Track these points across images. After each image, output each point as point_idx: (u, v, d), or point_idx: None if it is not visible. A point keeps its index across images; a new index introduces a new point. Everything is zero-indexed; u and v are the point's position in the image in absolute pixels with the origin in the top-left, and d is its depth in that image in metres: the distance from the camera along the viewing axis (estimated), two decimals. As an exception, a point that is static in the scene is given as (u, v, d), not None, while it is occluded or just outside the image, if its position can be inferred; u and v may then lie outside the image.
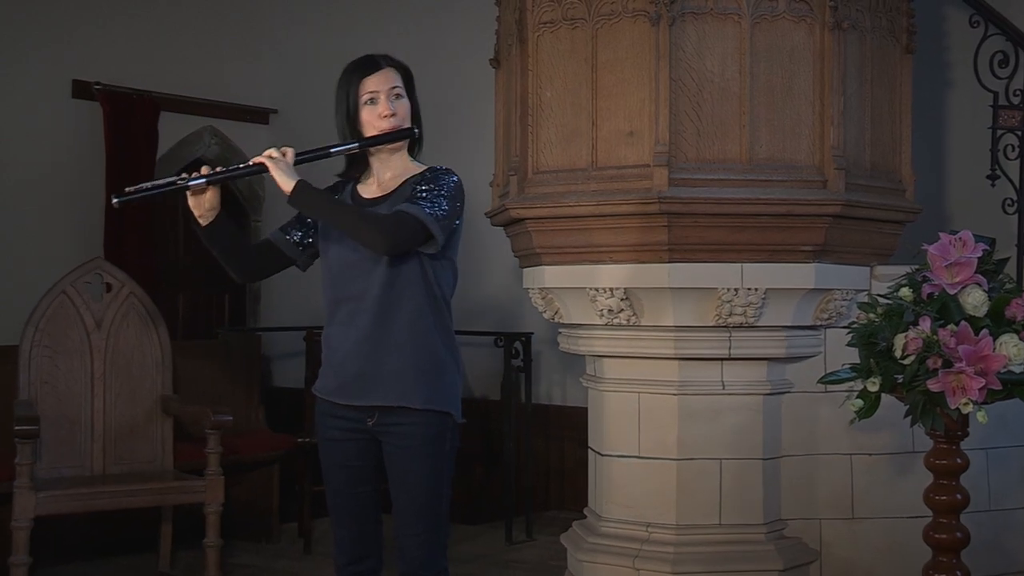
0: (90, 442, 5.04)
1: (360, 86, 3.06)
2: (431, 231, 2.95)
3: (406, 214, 2.94)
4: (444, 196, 2.99)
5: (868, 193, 4.08)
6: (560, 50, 4.10)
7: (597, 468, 4.41)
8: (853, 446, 4.22)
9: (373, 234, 2.93)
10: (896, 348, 3.20)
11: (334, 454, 3.13)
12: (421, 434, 3.01)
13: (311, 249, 3.20)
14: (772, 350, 4.13)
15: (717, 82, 3.93)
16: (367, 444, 3.09)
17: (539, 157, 4.15)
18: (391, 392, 3.01)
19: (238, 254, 3.17)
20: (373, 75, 3.06)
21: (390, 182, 3.10)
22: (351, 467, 3.11)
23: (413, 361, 3.00)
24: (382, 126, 3.06)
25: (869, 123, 4.13)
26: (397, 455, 3.04)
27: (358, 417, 3.07)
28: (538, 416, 6.12)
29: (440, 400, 3.04)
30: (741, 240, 3.94)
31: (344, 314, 3.06)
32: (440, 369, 3.05)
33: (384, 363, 3.01)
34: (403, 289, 3.00)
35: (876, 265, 4.22)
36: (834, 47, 3.95)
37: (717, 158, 3.93)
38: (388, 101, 3.06)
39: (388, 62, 3.10)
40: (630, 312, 4.09)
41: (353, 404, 3.05)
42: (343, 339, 3.06)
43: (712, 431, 4.15)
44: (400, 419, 3.02)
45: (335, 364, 3.09)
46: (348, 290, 3.04)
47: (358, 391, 3.04)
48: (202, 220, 3.09)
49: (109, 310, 5.15)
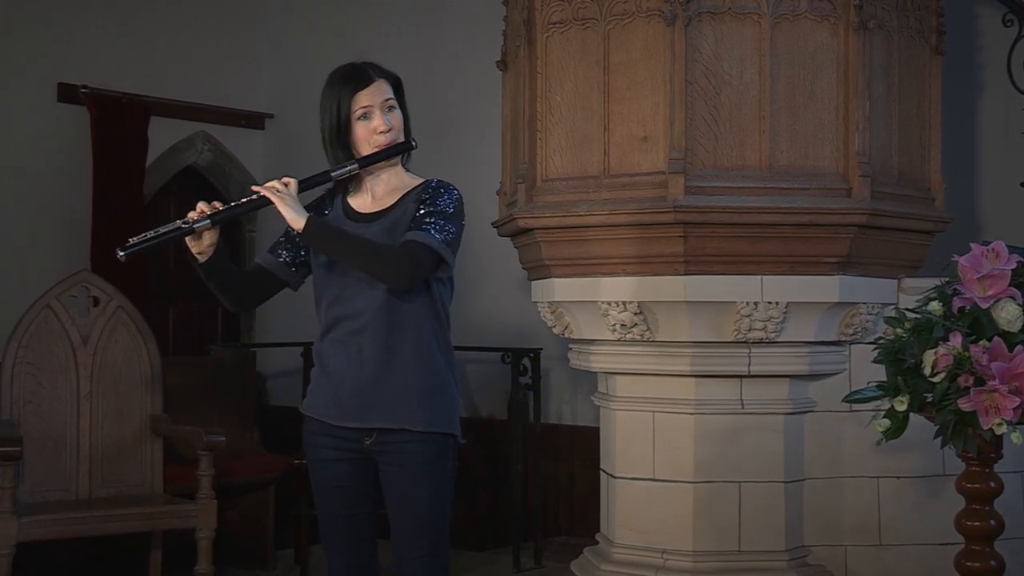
0: (75, 464, 5.03)
1: (352, 101, 3.05)
2: (444, 258, 2.98)
3: (418, 244, 2.95)
4: (449, 216, 3.01)
5: (895, 202, 4.07)
6: (570, 51, 4.11)
7: (609, 491, 4.40)
8: (880, 469, 4.21)
9: (388, 270, 2.95)
10: (925, 365, 3.19)
11: (327, 475, 3.13)
12: (422, 454, 3.02)
13: (303, 269, 3.20)
14: (794, 367, 4.12)
15: (736, 85, 3.93)
16: (361, 464, 3.09)
17: (548, 164, 4.16)
18: (393, 414, 3.01)
19: (234, 286, 3.18)
20: (366, 89, 3.05)
21: (386, 196, 3.11)
22: (345, 488, 3.11)
23: (416, 382, 3.01)
24: (379, 142, 3.06)
25: (896, 128, 4.13)
26: (397, 476, 3.04)
27: (354, 437, 3.07)
28: (547, 436, 6.10)
29: (442, 421, 3.04)
30: (761, 251, 3.94)
31: (342, 331, 3.06)
32: (442, 389, 3.06)
33: (386, 384, 3.01)
34: (407, 306, 3.01)
35: (904, 278, 4.22)
36: (859, 48, 3.95)
37: (736, 165, 3.93)
38: (383, 116, 3.06)
39: (378, 72, 3.09)
40: (644, 327, 4.09)
41: (349, 426, 3.05)
42: (340, 357, 3.06)
43: (731, 452, 4.15)
44: (400, 439, 3.02)
45: (331, 383, 3.08)
46: (347, 307, 3.05)
47: (358, 413, 3.04)
48: (201, 257, 3.07)
49: (96, 325, 5.15)
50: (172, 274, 7.18)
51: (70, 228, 6.51)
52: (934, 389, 3.18)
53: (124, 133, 6.63)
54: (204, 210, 3.02)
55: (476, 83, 6.25)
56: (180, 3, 7.15)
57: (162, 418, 5.21)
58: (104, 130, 6.54)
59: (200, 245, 3.06)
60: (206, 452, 4.84)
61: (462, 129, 6.26)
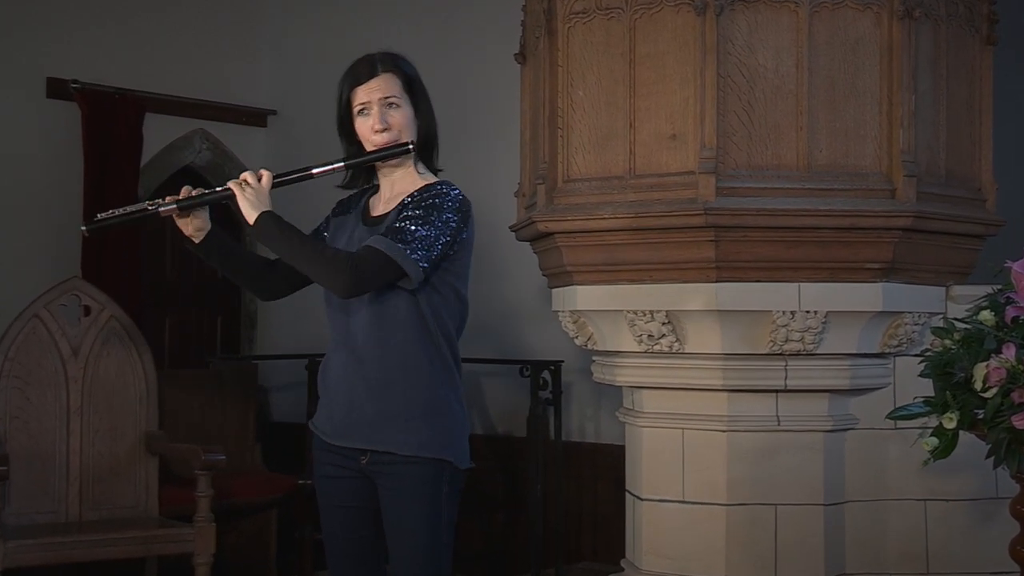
0: (65, 485, 5.05)
1: (352, 97, 3.10)
2: (401, 267, 2.95)
3: (371, 251, 2.97)
4: (431, 221, 2.99)
5: (943, 203, 4.06)
6: (594, 43, 4.11)
7: (635, 514, 4.39)
8: (927, 491, 4.19)
9: (330, 275, 2.99)
10: (976, 379, 3.18)
11: (330, 493, 3.18)
12: (414, 477, 3.04)
13: None
14: (834, 381, 4.12)
15: (771, 79, 3.93)
16: (364, 484, 3.12)
17: (570, 163, 4.16)
18: (376, 436, 3.05)
19: (246, 269, 3.25)
20: (364, 84, 3.08)
21: (391, 200, 3.14)
22: (349, 508, 3.15)
23: (403, 404, 3.03)
24: (375, 140, 3.10)
25: (944, 124, 4.12)
26: (389, 500, 3.07)
27: (352, 455, 3.11)
28: (568, 455, 6.10)
29: (435, 446, 3.04)
30: (798, 257, 3.93)
31: (337, 344, 3.13)
32: (436, 410, 3.06)
33: (369, 405, 3.05)
34: (391, 326, 3.03)
35: (952, 285, 4.21)
36: (904, 38, 3.94)
37: (771, 164, 3.93)
38: (380, 114, 3.08)
39: (385, 66, 3.10)
40: (672, 338, 4.08)
41: (341, 446, 3.12)
42: (334, 372, 3.13)
43: (766, 473, 4.14)
44: (391, 461, 3.05)
45: (328, 399, 3.16)
46: (343, 319, 3.10)
47: (345, 431, 3.10)
48: (194, 239, 3.16)
49: (87, 336, 5.17)
50: (168, 281, 7.20)
51: (59, 232, 6.53)
52: (986, 405, 3.17)
53: (117, 131, 6.65)
54: (173, 198, 3.13)
55: (492, 77, 6.26)
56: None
57: (157, 435, 5.22)
58: (96, 128, 6.56)
59: (188, 227, 3.15)
60: (204, 471, 4.85)
61: (477, 127, 6.26)
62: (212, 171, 7.31)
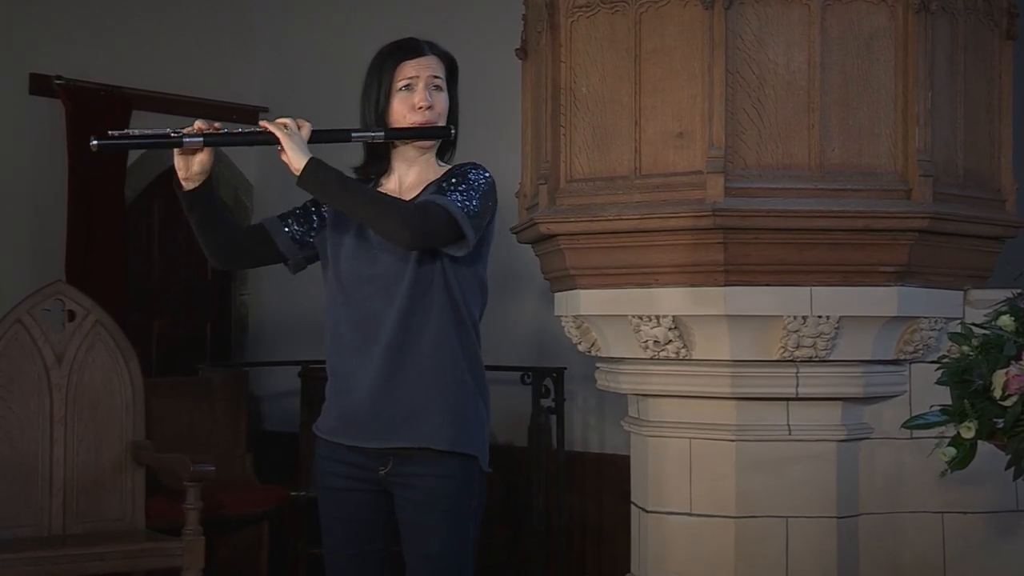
0: (48, 497, 5.05)
1: (396, 71, 3.07)
2: (462, 228, 2.95)
3: (435, 204, 2.95)
4: (476, 189, 3.01)
5: (960, 204, 4.06)
6: (598, 38, 4.11)
7: (641, 527, 4.39)
8: (944, 503, 4.19)
9: (395, 224, 2.92)
10: (995, 387, 3.17)
11: (335, 506, 3.12)
12: (443, 487, 3.00)
13: (308, 251, 3.19)
14: (847, 389, 4.11)
15: (782, 75, 3.93)
16: (376, 497, 3.08)
17: (573, 163, 4.16)
18: (411, 432, 2.99)
19: (220, 228, 3.12)
20: (413, 60, 3.08)
21: (413, 186, 3.11)
22: (355, 522, 3.10)
23: (437, 394, 3.00)
24: (414, 119, 3.07)
25: (962, 122, 4.11)
26: (413, 511, 3.03)
27: (368, 463, 3.05)
28: (572, 465, 6.10)
29: (466, 441, 3.02)
30: (810, 259, 3.93)
31: (356, 339, 3.05)
32: (466, 404, 3.04)
33: (404, 398, 3.00)
34: (425, 308, 3.00)
35: (970, 289, 4.21)
36: (920, 33, 3.94)
37: (781, 163, 3.93)
38: (426, 91, 3.07)
39: (432, 49, 3.13)
40: (680, 344, 4.08)
41: (364, 447, 3.04)
42: (354, 368, 3.04)
43: (777, 484, 4.14)
44: (418, 468, 3.01)
45: (343, 398, 3.07)
46: (362, 310, 3.04)
47: (372, 432, 3.03)
48: (187, 184, 3.03)
49: (71, 342, 5.17)
50: (156, 285, 7.20)
51: (42, 234, 6.53)
52: (1005, 414, 3.17)
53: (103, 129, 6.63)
54: (201, 127, 2.98)
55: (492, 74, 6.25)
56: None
57: (144, 445, 5.22)
58: (81, 126, 6.56)
59: (188, 168, 3.02)
60: (193, 483, 4.85)
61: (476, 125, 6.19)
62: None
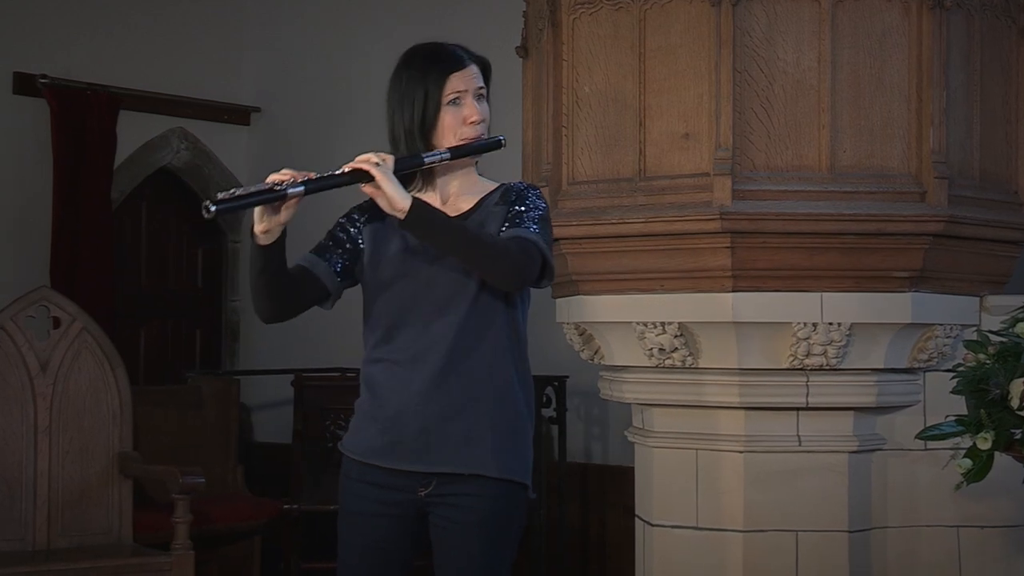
0: (32, 509, 5.04)
1: (445, 84, 3.01)
2: (548, 262, 2.97)
3: (527, 241, 2.94)
4: (543, 219, 3.02)
5: (976, 207, 4.06)
6: (601, 36, 4.11)
7: (646, 541, 4.39)
8: (960, 516, 4.18)
9: (503, 266, 2.91)
10: (1012, 396, 3.18)
11: (362, 531, 3.05)
12: (488, 510, 2.97)
13: (347, 281, 3.10)
14: (859, 398, 4.11)
15: (791, 73, 3.93)
16: (408, 522, 3.02)
17: (575, 165, 4.16)
18: (462, 458, 2.96)
19: (284, 285, 3.01)
20: (459, 72, 3.03)
21: (459, 200, 3.07)
22: (382, 550, 3.04)
23: (491, 419, 2.98)
24: (467, 133, 3.03)
25: (978, 122, 4.12)
26: (454, 532, 2.98)
27: (407, 485, 3.00)
28: (573, 478, 6.09)
29: (517, 468, 3.01)
30: (821, 264, 3.93)
31: (406, 351, 2.99)
32: (519, 431, 3.04)
33: (457, 421, 2.96)
34: (485, 330, 2.99)
35: (987, 295, 4.21)
36: (935, 30, 3.94)
37: (791, 165, 3.92)
38: (475, 104, 3.05)
39: (471, 56, 3.09)
40: (685, 351, 4.08)
41: (407, 470, 2.98)
42: (400, 384, 2.99)
43: (786, 497, 4.13)
44: (464, 489, 2.97)
45: (385, 416, 3.00)
46: (413, 329, 2.99)
47: (418, 453, 2.97)
48: (266, 237, 2.90)
49: (56, 350, 5.17)
50: (144, 290, 7.20)
51: (27, 238, 6.53)
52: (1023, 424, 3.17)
53: (89, 129, 6.66)
54: (295, 176, 2.87)
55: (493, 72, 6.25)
56: (153, -19, 7.18)
57: (132, 456, 5.21)
58: (66, 126, 6.57)
59: (271, 221, 2.88)
60: (182, 495, 4.84)
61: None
62: (190, 172, 7.32)
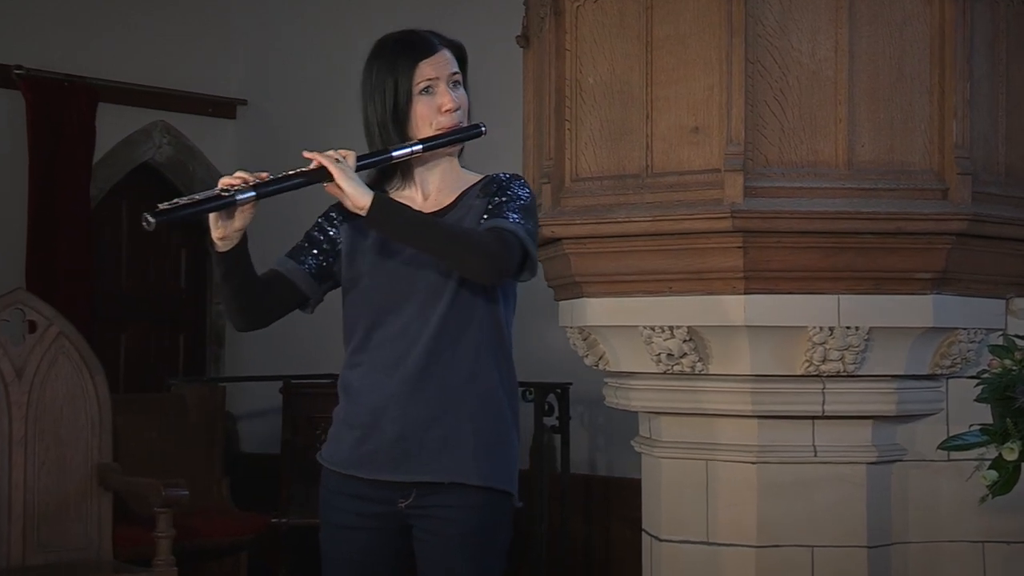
0: (7, 524, 5.04)
1: (414, 72, 3.03)
2: (530, 253, 2.97)
3: (506, 232, 2.94)
4: (527, 209, 3.02)
5: (1002, 205, 4.05)
6: (606, 25, 4.11)
7: (653, 556, 4.39)
8: (985, 531, 4.18)
9: (479, 260, 2.91)
10: (1040, 405, 3.17)
11: (343, 545, 3.07)
12: (471, 521, 2.98)
13: (327, 283, 3.11)
14: (878, 406, 4.11)
15: (806, 64, 3.92)
16: (387, 536, 3.04)
17: (579, 160, 4.16)
18: (441, 465, 2.96)
19: (253, 291, 3.03)
20: (430, 58, 3.05)
21: (441, 194, 3.09)
22: (365, 564, 3.06)
23: (472, 423, 2.98)
24: (442, 122, 3.06)
25: (1003, 115, 4.11)
26: (436, 546, 3.00)
27: (386, 496, 3.01)
28: (577, 490, 6.09)
29: (501, 476, 3.01)
30: (838, 265, 3.93)
31: (382, 354, 3.00)
32: (503, 439, 3.03)
33: (435, 428, 2.97)
34: (464, 328, 2.99)
35: (1013, 298, 4.21)
36: (958, 18, 3.94)
37: (806, 161, 3.92)
38: (449, 91, 3.06)
39: (443, 41, 3.11)
40: (695, 357, 4.08)
41: (386, 480, 2.99)
42: (376, 388, 3.00)
43: (802, 510, 4.13)
44: (446, 499, 2.98)
45: (362, 424, 3.02)
46: (391, 331, 3.00)
47: (396, 462, 2.98)
48: (223, 244, 2.90)
49: (32, 355, 5.17)
50: (125, 293, 7.20)
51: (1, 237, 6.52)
52: (1051, 434, 3.16)
53: (67, 122, 6.66)
54: (246, 179, 2.85)
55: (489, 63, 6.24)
56: (134, -31, 7.19)
57: (112, 468, 5.21)
58: (43, 119, 6.58)
59: (227, 227, 2.87)
60: (165, 509, 4.84)
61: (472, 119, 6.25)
62: (173, 168, 7.32)
